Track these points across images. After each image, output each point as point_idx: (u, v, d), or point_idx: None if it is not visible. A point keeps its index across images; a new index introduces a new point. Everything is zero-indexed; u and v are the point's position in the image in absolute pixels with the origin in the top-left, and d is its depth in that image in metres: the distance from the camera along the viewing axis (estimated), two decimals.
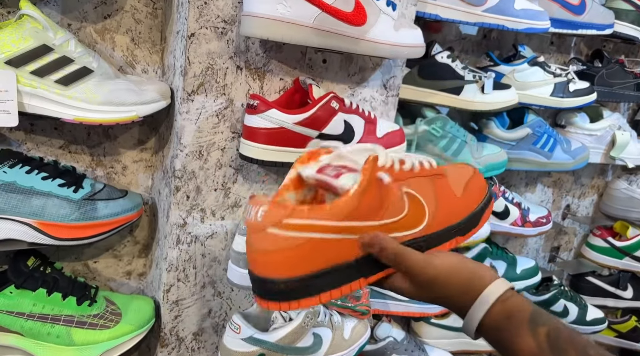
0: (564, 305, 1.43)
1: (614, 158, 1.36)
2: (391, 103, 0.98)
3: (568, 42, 1.36)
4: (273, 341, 0.84)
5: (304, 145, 0.80)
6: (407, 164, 0.49)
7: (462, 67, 1.06)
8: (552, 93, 1.17)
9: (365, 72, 0.93)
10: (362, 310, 0.99)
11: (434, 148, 1.08)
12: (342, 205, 0.43)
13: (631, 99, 1.34)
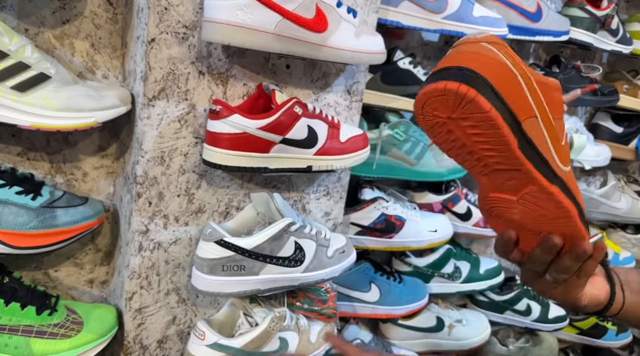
0: (527, 304, 1.47)
1: (572, 160, 1.41)
2: (355, 108, 0.99)
3: (527, 48, 1.40)
4: (238, 347, 0.84)
5: (267, 149, 0.80)
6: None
7: (423, 72, 1.08)
8: None
9: (328, 77, 0.94)
10: (328, 313, 1.00)
11: (397, 151, 1.10)
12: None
13: (587, 103, 1.40)
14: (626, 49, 1.42)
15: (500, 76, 0.47)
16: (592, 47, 1.34)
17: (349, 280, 1.15)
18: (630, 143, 1.57)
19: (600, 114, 1.59)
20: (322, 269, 0.91)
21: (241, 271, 0.82)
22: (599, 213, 1.59)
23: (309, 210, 1.00)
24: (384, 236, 1.13)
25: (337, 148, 0.87)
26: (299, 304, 0.97)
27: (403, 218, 1.13)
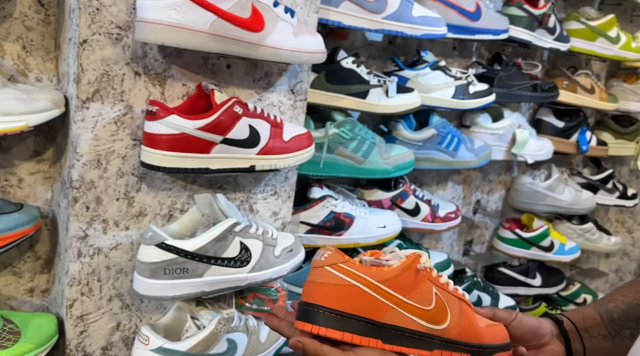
0: (478, 295, 1.52)
1: (515, 154, 1.46)
2: (300, 108, 1.00)
3: (469, 47, 1.45)
4: (184, 350, 0.83)
5: (208, 150, 0.80)
6: (443, 278, 0.61)
7: (367, 72, 1.10)
8: (453, 95, 1.24)
9: (271, 77, 0.94)
10: None
11: (344, 150, 1.11)
12: (384, 271, 0.55)
13: (528, 99, 1.45)
14: (564, 47, 1.48)
15: (344, 297, 0.54)
16: (531, 44, 1.40)
17: (301, 278, 1.16)
18: (572, 137, 1.64)
19: (543, 110, 1.66)
20: (269, 268, 0.91)
21: (184, 274, 0.81)
22: (544, 205, 1.65)
23: (257, 210, 1.00)
24: (334, 233, 1.14)
25: (280, 148, 0.88)
26: (248, 305, 0.97)
27: (352, 216, 1.15)
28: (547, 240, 1.63)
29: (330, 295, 0.54)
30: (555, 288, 1.74)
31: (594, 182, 1.81)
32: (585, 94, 1.61)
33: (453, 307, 0.59)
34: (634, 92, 1.83)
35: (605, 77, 1.93)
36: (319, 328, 0.53)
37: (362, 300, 0.54)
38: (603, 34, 1.58)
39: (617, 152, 1.85)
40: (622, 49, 1.60)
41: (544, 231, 1.62)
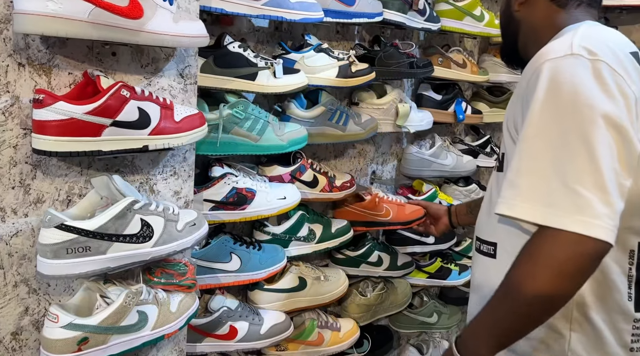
0: (378, 256, 1.67)
1: (400, 126, 1.62)
2: (191, 91, 1.06)
3: (351, 31, 1.58)
4: (95, 324, 0.88)
5: (98, 133, 0.85)
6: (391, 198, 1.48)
7: (254, 55, 1.18)
8: (337, 74, 1.36)
9: (158, 62, 1.00)
10: (187, 283, 1.07)
11: (239, 129, 1.19)
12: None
13: (406, 76, 1.61)
14: (434, 26, 1.65)
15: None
16: (405, 26, 1.55)
17: (209, 253, 1.23)
18: (449, 108, 1.84)
19: (423, 85, 1.83)
20: (173, 242, 0.97)
21: (87, 252, 0.85)
22: (431, 171, 1.84)
23: (158, 191, 1.06)
24: (238, 208, 1.22)
25: (172, 128, 0.94)
26: (157, 279, 1.03)
27: (253, 190, 1.23)
28: (436, 202, 1.82)
29: None
30: (447, 244, 1.94)
31: (473, 147, 2.03)
32: (458, 69, 1.80)
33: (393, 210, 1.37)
34: (503, 64, 2.06)
35: (478, 52, 2.15)
36: None
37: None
38: (469, 13, 1.78)
39: (493, 119, 2.09)
40: (487, 25, 1.81)
41: (432, 193, 1.81)
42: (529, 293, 0.72)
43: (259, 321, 1.30)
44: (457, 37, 2.00)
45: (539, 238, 0.74)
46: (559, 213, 0.71)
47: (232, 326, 1.27)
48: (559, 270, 0.71)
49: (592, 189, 0.71)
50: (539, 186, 0.73)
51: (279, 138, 1.25)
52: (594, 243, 0.70)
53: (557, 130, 0.74)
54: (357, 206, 1.61)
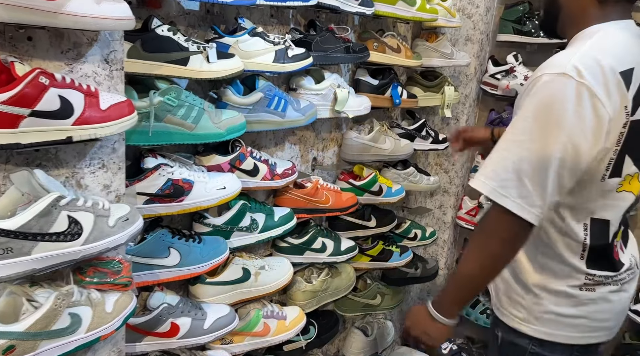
0: (322, 242, 1.67)
1: (338, 111, 1.62)
2: (117, 77, 1.00)
3: (286, 15, 1.55)
4: (22, 330, 0.82)
5: (15, 124, 0.77)
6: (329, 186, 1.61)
7: (185, 39, 1.13)
8: (274, 59, 1.33)
9: (80, 47, 0.93)
10: (123, 282, 1.01)
11: (173, 117, 1.14)
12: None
13: (343, 60, 1.60)
14: (368, 10, 1.65)
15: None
16: (339, 10, 1.54)
17: (146, 249, 1.18)
18: (386, 93, 1.86)
19: (360, 70, 1.84)
20: (105, 238, 0.92)
21: (9, 254, 0.79)
22: (370, 155, 1.86)
23: (86, 185, 0.99)
24: (174, 200, 1.17)
25: (97, 117, 0.88)
26: (89, 279, 0.97)
27: (191, 181, 1.19)
28: (376, 186, 1.85)
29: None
30: (388, 227, 1.98)
31: (410, 131, 2.07)
32: (393, 53, 1.83)
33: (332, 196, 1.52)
34: (435, 49, 2.12)
35: (411, 37, 2.19)
36: None
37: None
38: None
39: (427, 103, 2.14)
40: (418, 10, 1.83)
41: (373, 178, 1.83)
42: (479, 254, 1.06)
43: (202, 316, 1.27)
44: (391, 22, 2.02)
45: (490, 211, 1.05)
46: (505, 195, 0.99)
47: (174, 323, 1.22)
48: (499, 236, 1.03)
49: (536, 185, 0.98)
50: (500, 171, 1.00)
51: (216, 126, 1.21)
52: (524, 222, 1.00)
53: (529, 134, 0.98)
54: (299, 193, 1.60)
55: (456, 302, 1.12)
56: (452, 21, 2.07)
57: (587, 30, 1.05)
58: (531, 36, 2.21)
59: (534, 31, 2.20)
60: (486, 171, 1.01)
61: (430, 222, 2.53)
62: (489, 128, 1.52)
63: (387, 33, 1.85)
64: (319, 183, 1.65)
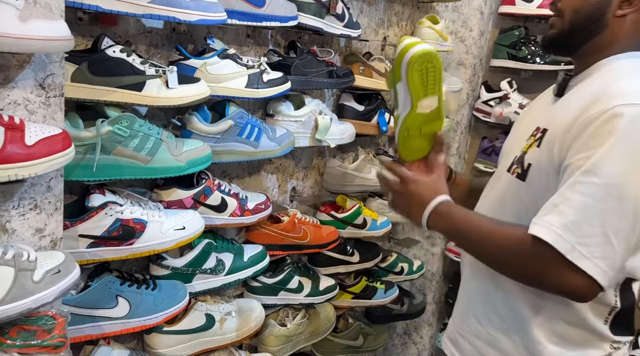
0: (299, 281, 1.53)
1: (319, 140, 1.49)
2: (55, 105, 0.86)
3: (264, 35, 1.42)
4: None
5: None
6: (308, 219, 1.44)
7: (140, 61, 1.00)
8: (246, 84, 1.20)
9: (8, 71, 0.79)
10: (53, 343, 0.86)
11: (124, 149, 1.00)
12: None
13: (325, 85, 1.48)
14: (354, 33, 1.53)
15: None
16: (323, 32, 1.42)
17: (89, 298, 1.03)
18: (372, 120, 1.73)
19: (345, 95, 1.72)
20: (27, 297, 0.77)
21: None
22: (355, 185, 1.72)
23: (12, 230, 0.85)
24: (124, 243, 1.03)
25: (21, 154, 0.74)
26: (11, 342, 0.82)
27: (143, 221, 1.05)
28: (360, 218, 1.71)
29: None
30: (373, 262, 1.84)
31: (397, 159, 1.94)
32: (380, 78, 1.70)
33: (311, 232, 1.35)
34: None
35: None
36: None
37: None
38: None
39: None
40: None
41: (356, 210, 1.69)
42: (529, 274, 0.87)
43: None
44: (379, 45, 1.90)
45: (543, 254, 0.83)
46: (587, 255, 0.80)
47: None
48: (552, 287, 0.85)
49: (623, 245, 0.80)
50: (583, 223, 0.80)
51: (174, 159, 1.07)
52: (597, 287, 0.81)
53: (620, 177, 0.79)
54: (274, 228, 1.46)
55: (444, 231, 1.00)
56: (445, 45, 1.96)
57: (626, 56, 0.91)
58: (527, 62, 2.10)
59: (530, 57, 2.10)
60: (564, 221, 0.80)
61: (418, 253, 2.39)
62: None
63: (375, 56, 1.74)
64: (296, 216, 1.51)
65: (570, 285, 0.82)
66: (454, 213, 0.95)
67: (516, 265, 0.88)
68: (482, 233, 0.91)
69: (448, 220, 0.96)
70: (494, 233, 0.90)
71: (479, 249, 0.94)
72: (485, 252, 0.93)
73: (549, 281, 0.84)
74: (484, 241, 0.91)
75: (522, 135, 0.99)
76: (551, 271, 0.82)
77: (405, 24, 2.00)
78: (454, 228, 0.95)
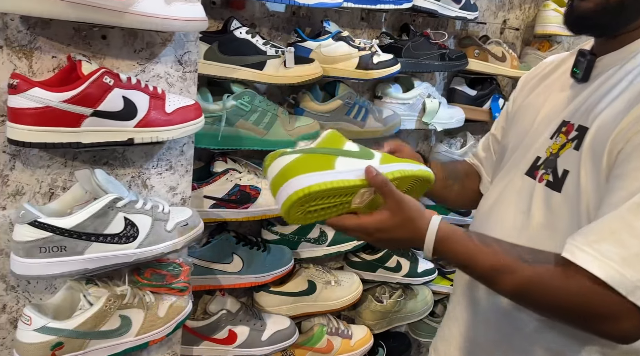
0: (397, 261, 1.56)
1: (426, 123, 1.49)
2: (190, 79, 0.98)
3: (378, 18, 1.45)
4: (71, 328, 0.82)
5: (77, 123, 0.78)
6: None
7: (263, 42, 1.09)
8: (357, 66, 1.25)
9: (154, 47, 0.92)
10: (179, 286, 0.99)
11: (245, 122, 1.11)
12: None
13: (436, 68, 1.48)
14: (470, 15, 1.51)
15: None
16: (437, 14, 1.42)
17: (209, 253, 1.16)
18: (484, 105, 1.69)
19: (457, 79, 1.69)
20: (161, 243, 0.90)
21: (62, 252, 0.79)
22: None
23: (151, 186, 0.99)
24: (240, 207, 1.14)
25: (161, 120, 0.86)
26: (146, 281, 0.96)
27: (258, 188, 1.15)
28: None
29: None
30: None
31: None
32: (496, 62, 1.65)
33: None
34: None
35: (521, 45, 1.98)
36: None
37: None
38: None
39: None
40: None
41: None
42: (562, 303, 0.65)
43: (260, 326, 1.22)
44: (498, 28, 1.84)
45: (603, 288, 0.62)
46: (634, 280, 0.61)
47: (232, 330, 1.19)
48: (596, 318, 0.64)
49: None
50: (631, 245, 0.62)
51: (287, 133, 1.16)
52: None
53: None
54: None
55: (453, 258, 0.70)
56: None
57: None
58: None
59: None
60: (625, 253, 0.62)
61: None
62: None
63: (492, 40, 1.68)
64: None
65: (627, 328, 0.63)
66: (458, 241, 0.69)
67: (559, 305, 0.66)
68: (505, 266, 0.67)
69: (452, 248, 0.69)
70: (523, 266, 0.66)
71: (500, 286, 0.69)
72: (510, 288, 0.68)
73: (600, 325, 0.65)
74: (507, 274, 0.67)
75: (540, 129, 0.82)
76: (603, 312, 0.64)
77: (528, 6, 1.90)
78: (462, 259, 0.70)
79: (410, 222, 0.68)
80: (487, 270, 0.68)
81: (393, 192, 0.67)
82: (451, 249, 0.69)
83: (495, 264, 0.67)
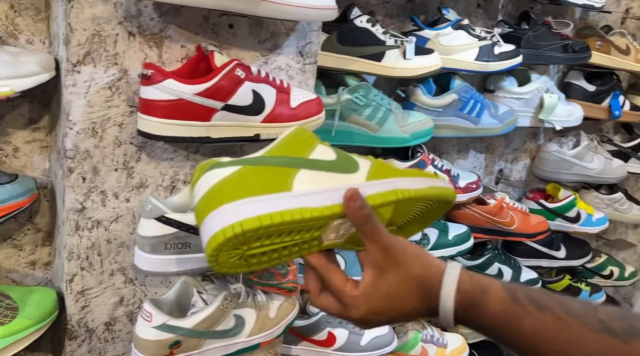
0: (499, 268, 1.46)
1: (542, 121, 1.37)
2: (309, 72, 0.93)
3: (495, 5, 1.34)
4: (189, 327, 0.80)
5: (208, 117, 0.74)
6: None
7: (382, 31, 1.02)
8: (477, 57, 1.15)
9: (278, 37, 0.87)
10: (288, 287, 0.96)
11: (358, 117, 1.04)
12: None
13: (558, 61, 1.35)
14: (598, 2, 1.36)
15: None
16: (562, 1, 1.29)
17: None
18: (603, 102, 1.54)
19: (573, 72, 1.55)
20: None
21: (187, 249, 0.77)
22: (571, 174, 1.56)
23: None
24: None
25: (287, 115, 0.81)
26: (257, 279, 0.93)
27: None
28: (573, 211, 1.55)
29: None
30: (580, 261, 1.66)
31: (625, 149, 1.70)
32: (620, 55, 1.49)
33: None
34: None
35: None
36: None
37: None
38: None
39: None
40: None
41: (571, 201, 1.54)
42: None
43: (359, 331, 1.17)
44: (619, 18, 1.66)
45: None
46: None
47: (331, 332, 1.15)
48: None
49: None
50: None
51: (401, 130, 1.08)
52: None
53: None
54: (479, 209, 1.40)
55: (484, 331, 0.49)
56: None
57: None
58: None
59: None
60: None
61: (631, 258, 2.09)
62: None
63: (615, 30, 1.52)
64: (504, 200, 1.43)
65: None
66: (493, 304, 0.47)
67: None
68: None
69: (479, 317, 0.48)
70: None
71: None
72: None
73: None
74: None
75: None
76: None
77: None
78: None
79: (415, 282, 0.48)
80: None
81: (376, 235, 0.46)
82: (485, 319, 0.47)
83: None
